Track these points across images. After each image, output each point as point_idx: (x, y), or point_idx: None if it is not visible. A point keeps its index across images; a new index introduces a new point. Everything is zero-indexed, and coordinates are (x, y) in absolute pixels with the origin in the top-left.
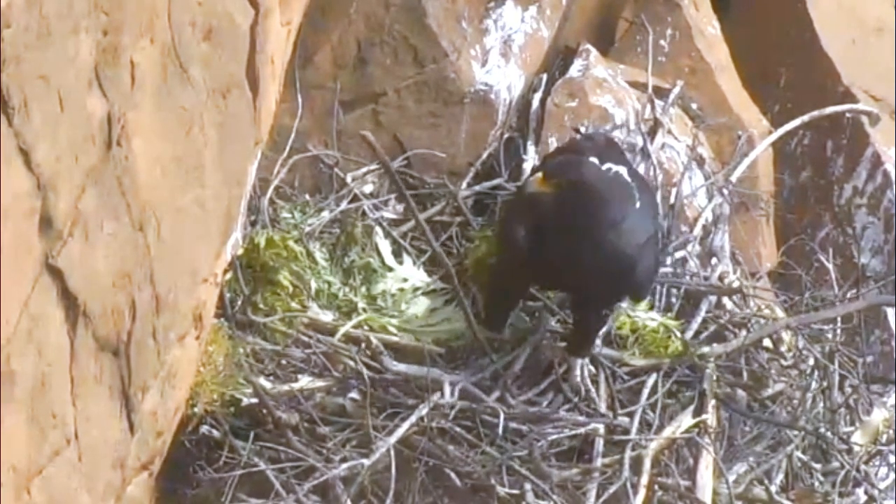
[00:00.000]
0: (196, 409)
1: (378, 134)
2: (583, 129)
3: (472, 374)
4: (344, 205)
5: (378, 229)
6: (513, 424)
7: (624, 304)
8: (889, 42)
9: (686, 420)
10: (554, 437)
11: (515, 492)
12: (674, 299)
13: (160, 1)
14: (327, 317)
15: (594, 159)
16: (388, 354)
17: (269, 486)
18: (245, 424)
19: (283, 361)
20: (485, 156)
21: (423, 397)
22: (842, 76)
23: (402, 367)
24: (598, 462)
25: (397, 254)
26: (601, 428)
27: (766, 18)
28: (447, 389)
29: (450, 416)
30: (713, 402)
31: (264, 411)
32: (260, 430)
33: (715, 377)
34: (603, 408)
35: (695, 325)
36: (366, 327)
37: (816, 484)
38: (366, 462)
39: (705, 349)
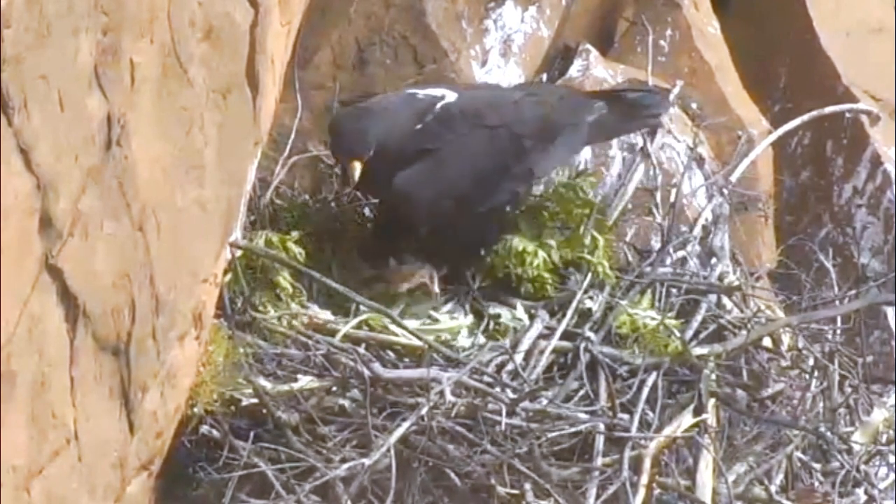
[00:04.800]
0: (196, 409)
1: None
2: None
3: (470, 371)
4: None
5: None
6: (514, 420)
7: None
8: (889, 42)
9: (686, 420)
10: (554, 434)
11: (515, 492)
12: (674, 299)
13: (160, 1)
14: (326, 317)
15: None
16: (388, 357)
17: (270, 487)
18: (245, 424)
19: (283, 361)
20: None
21: (423, 395)
22: (842, 76)
23: (393, 373)
24: (598, 461)
25: None
26: (600, 426)
27: (766, 18)
28: (446, 386)
29: (452, 414)
30: (713, 401)
31: (264, 411)
32: (260, 430)
33: (714, 377)
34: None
35: (695, 325)
36: (366, 327)
37: (816, 484)
38: (366, 462)
39: (705, 349)
